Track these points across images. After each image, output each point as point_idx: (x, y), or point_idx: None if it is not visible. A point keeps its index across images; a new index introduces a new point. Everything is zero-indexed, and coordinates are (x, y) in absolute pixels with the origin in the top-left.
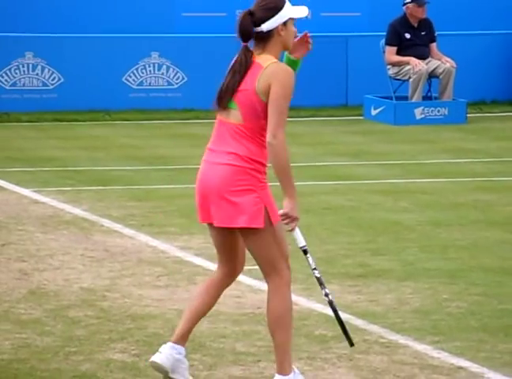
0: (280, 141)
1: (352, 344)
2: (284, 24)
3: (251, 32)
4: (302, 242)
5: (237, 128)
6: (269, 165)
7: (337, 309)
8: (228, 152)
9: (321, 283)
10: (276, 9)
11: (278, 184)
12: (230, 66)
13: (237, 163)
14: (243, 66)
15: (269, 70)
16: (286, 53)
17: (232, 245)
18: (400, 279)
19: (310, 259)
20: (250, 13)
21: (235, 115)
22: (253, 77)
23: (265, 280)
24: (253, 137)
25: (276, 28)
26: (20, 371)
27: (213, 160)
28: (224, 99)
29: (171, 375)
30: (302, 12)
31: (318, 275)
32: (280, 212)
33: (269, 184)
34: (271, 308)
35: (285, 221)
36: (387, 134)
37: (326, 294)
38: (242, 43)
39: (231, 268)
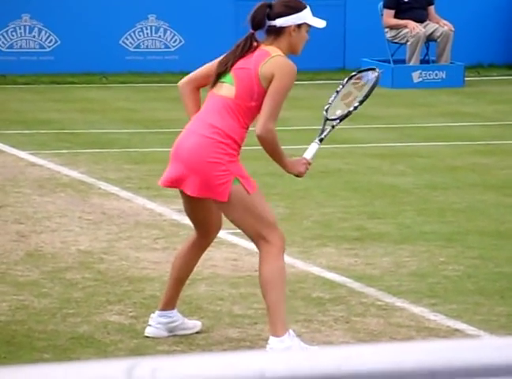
0: (271, 133)
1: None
2: (299, 26)
3: (262, 23)
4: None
5: (226, 101)
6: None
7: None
8: (209, 124)
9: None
10: (295, 9)
11: None
12: (231, 48)
13: (213, 136)
14: (243, 50)
15: (276, 60)
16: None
17: (201, 211)
18: (396, 242)
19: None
20: (269, 6)
21: (228, 89)
22: (258, 60)
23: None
24: (237, 115)
25: (290, 27)
26: (18, 332)
27: (192, 129)
28: (217, 74)
29: (173, 334)
30: (319, 22)
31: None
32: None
33: None
34: (260, 272)
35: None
36: (384, 98)
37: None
38: (250, 30)
39: (204, 233)
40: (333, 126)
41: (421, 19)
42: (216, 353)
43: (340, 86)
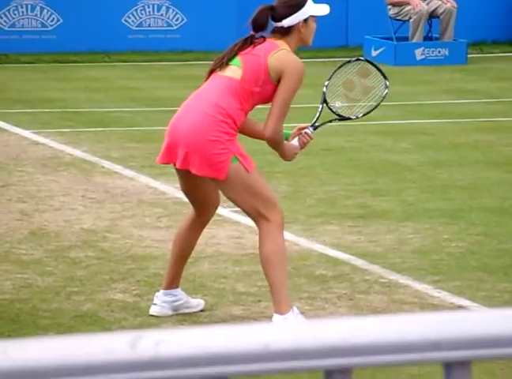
0: (279, 134)
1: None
2: (305, 21)
3: (265, 26)
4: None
5: (232, 83)
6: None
7: None
8: (213, 103)
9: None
10: (298, 6)
11: None
12: (229, 46)
13: (216, 114)
14: (240, 49)
15: (285, 56)
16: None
17: (199, 189)
18: (400, 219)
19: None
20: (272, 8)
21: (234, 71)
22: (267, 50)
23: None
24: (240, 98)
25: (297, 24)
26: (22, 311)
27: (193, 106)
28: (210, 71)
29: (177, 312)
30: (323, 10)
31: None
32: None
33: None
34: (261, 250)
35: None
36: (387, 75)
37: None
38: (251, 32)
39: (202, 211)
40: (330, 121)
41: None
42: (220, 326)
43: (345, 62)
